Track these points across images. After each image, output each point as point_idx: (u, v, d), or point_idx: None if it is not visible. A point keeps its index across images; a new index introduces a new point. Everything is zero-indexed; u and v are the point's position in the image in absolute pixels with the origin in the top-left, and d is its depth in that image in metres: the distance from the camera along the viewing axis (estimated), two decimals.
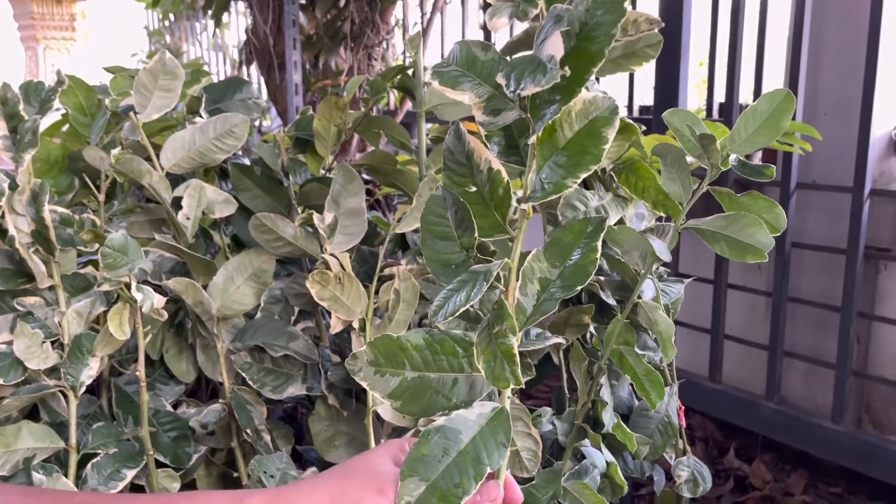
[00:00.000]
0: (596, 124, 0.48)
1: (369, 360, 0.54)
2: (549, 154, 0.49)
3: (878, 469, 1.51)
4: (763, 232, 0.75)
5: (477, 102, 0.50)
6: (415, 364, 0.54)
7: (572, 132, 0.49)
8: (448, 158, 0.53)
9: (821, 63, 1.65)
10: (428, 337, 0.54)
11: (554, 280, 0.53)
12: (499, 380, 0.49)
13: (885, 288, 1.66)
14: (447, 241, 0.54)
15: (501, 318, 0.50)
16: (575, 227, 0.54)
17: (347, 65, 2.12)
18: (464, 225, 0.54)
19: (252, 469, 0.73)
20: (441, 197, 0.54)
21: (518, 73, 0.45)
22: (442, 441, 0.49)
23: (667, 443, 0.94)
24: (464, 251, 0.54)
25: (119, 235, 0.71)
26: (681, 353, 1.72)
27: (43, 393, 0.76)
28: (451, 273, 0.54)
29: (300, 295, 0.90)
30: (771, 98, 0.75)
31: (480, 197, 0.53)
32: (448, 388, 0.54)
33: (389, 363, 0.54)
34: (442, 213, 0.54)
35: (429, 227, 0.55)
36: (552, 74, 0.43)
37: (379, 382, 0.54)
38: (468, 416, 0.51)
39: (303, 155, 1.02)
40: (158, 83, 0.87)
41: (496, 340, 0.50)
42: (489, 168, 0.52)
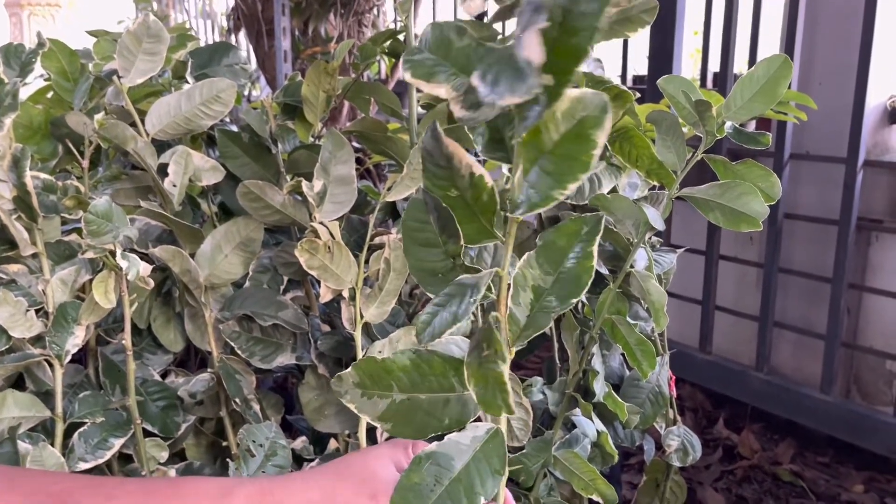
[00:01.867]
0: (584, 126, 0.42)
1: (355, 382, 0.50)
2: (534, 157, 0.44)
3: (865, 439, 1.52)
4: (758, 200, 0.74)
5: (454, 97, 0.44)
6: (402, 386, 0.50)
7: (559, 134, 0.43)
8: (427, 160, 0.48)
9: (816, 33, 1.64)
10: (415, 357, 0.51)
11: (548, 288, 0.49)
12: (490, 406, 0.45)
13: (876, 259, 1.66)
14: (431, 249, 0.50)
15: (489, 341, 0.45)
16: (569, 227, 0.49)
17: (337, 31, 2.09)
18: (448, 231, 0.49)
19: (241, 438, 0.73)
20: (422, 201, 0.50)
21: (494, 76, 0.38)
22: (434, 469, 0.46)
23: (657, 412, 0.94)
24: (450, 259, 0.50)
25: (103, 202, 0.69)
26: (672, 324, 1.72)
27: (28, 362, 0.75)
28: (438, 282, 0.50)
29: (289, 264, 0.89)
30: (768, 64, 0.74)
31: (464, 202, 0.47)
32: (440, 410, 0.50)
33: (375, 385, 0.50)
34: (423, 217, 0.50)
35: (410, 234, 0.50)
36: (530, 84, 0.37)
37: (366, 405, 0.50)
38: (461, 441, 0.47)
39: (291, 122, 1.00)
40: (142, 46, 0.85)
41: (486, 364, 0.45)
42: (471, 173, 0.46)
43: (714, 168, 0.79)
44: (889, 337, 1.64)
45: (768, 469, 1.66)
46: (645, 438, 1.01)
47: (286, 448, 0.73)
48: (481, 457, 0.47)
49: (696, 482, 1.60)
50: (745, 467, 1.68)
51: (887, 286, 1.60)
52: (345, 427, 0.85)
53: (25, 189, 0.75)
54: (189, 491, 0.47)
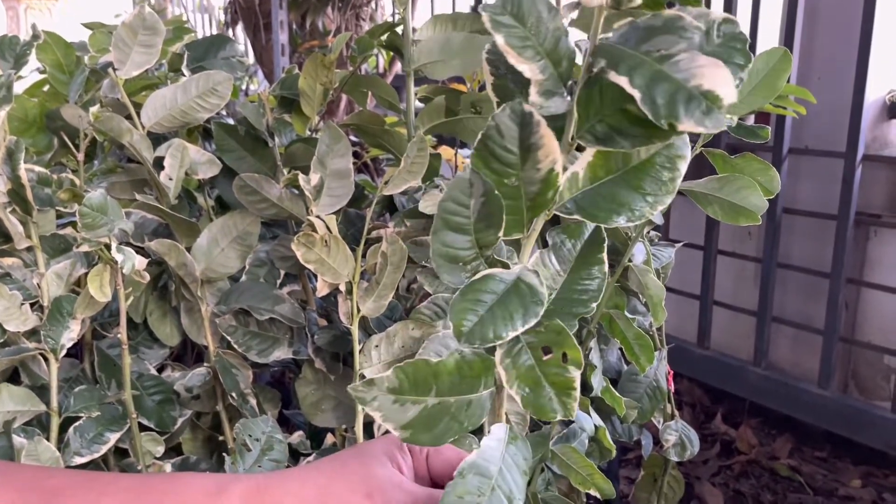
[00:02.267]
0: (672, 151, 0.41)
1: (391, 388, 0.46)
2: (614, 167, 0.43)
3: (862, 434, 1.52)
4: (757, 194, 0.74)
5: (538, 80, 0.41)
6: (441, 390, 0.47)
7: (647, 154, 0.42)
8: (493, 140, 0.43)
9: (816, 27, 1.63)
10: (459, 359, 0.47)
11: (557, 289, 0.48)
12: (542, 410, 0.43)
13: (874, 254, 1.66)
14: (460, 235, 0.46)
15: (563, 345, 0.43)
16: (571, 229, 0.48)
17: (335, 25, 2.08)
18: (488, 220, 0.45)
19: (237, 433, 0.72)
20: (468, 182, 0.45)
21: (667, 97, 0.35)
22: (477, 480, 0.43)
23: (655, 407, 0.93)
24: (478, 249, 0.46)
25: (97, 195, 0.69)
26: (670, 319, 1.71)
27: (23, 356, 0.74)
28: (456, 271, 0.46)
29: (286, 258, 0.88)
30: (768, 57, 0.74)
31: (517, 193, 0.44)
32: (463, 413, 0.47)
33: (415, 391, 0.46)
34: (465, 201, 0.45)
35: (445, 216, 0.46)
36: (718, 119, 0.34)
37: (396, 412, 0.46)
38: (491, 445, 0.45)
39: (288, 115, 1.00)
40: (138, 38, 0.84)
41: (546, 368, 0.44)
42: (551, 170, 0.43)
43: (713, 162, 0.79)
44: (887, 332, 1.64)
45: (766, 464, 1.67)
46: (643, 433, 1.00)
47: (283, 443, 0.73)
48: (509, 458, 0.45)
49: (693, 477, 1.61)
50: (742, 462, 1.68)
51: (885, 281, 1.60)
52: (342, 422, 0.85)
53: (20, 182, 0.75)
54: (184, 487, 0.46)
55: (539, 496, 0.84)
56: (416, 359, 0.46)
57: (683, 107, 0.34)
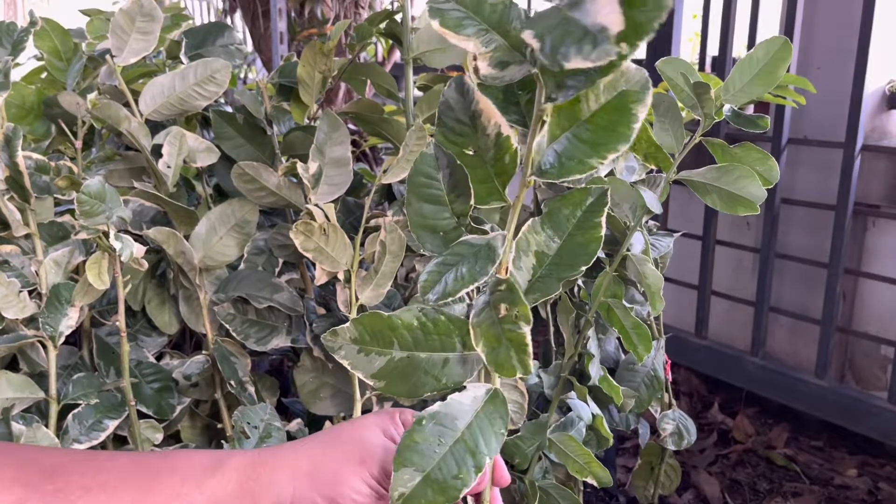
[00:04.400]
0: (625, 99, 0.42)
1: (353, 338, 0.49)
2: (567, 125, 0.44)
3: (859, 423, 1.53)
4: (755, 184, 0.74)
5: (482, 52, 0.43)
6: (404, 344, 0.49)
7: (598, 104, 0.43)
8: (445, 114, 0.47)
9: (816, 16, 1.63)
10: (421, 315, 0.49)
11: (551, 255, 0.49)
12: (503, 367, 0.45)
13: (872, 244, 1.66)
14: (436, 205, 0.49)
15: (512, 302, 0.45)
16: (574, 196, 0.49)
17: (333, 13, 2.07)
18: (458, 190, 0.48)
19: (235, 420, 0.73)
20: (433, 156, 0.49)
21: (556, 38, 0.36)
22: (437, 428, 0.45)
23: (652, 396, 0.94)
24: (455, 218, 0.49)
25: (95, 182, 0.68)
26: (668, 309, 1.72)
27: (21, 343, 0.74)
28: (438, 241, 0.49)
29: (284, 246, 0.88)
30: (767, 46, 0.74)
31: (481, 161, 0.47)
32: (438, 369, 0.50)
33: (376, 342, 0.49)
34: (433, 174, 0.49)
35: (416, 189, 0.49)
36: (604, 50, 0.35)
37: (362, 362, 0.49)
38: (462, 401, 0.47)
39: (287, 103, 0.99)
40: (136, 25, 0.84)
41: (502, 326, 0.45)
42: (498, 133, 0.46)
43: (712, 151, 0.79)
44: (884, 322, 1.64)
45: (762, 453, 1.67)
46: (640, 422, 1.01)
47: (281, 430, 0.73)
48: (483, 417, 0.47)
49: (690, 466, 1.61)
50: (739, 451, 1.68)
51: (883, 271, 1.60)
52: (340, 409, 0.85)
53: (18, 169, 0.75)
54: (181, 463, 0.47)
55: (537, 484, 0.85)
56: (371, 312, 0.49)
57: (574, 46, 0.35)
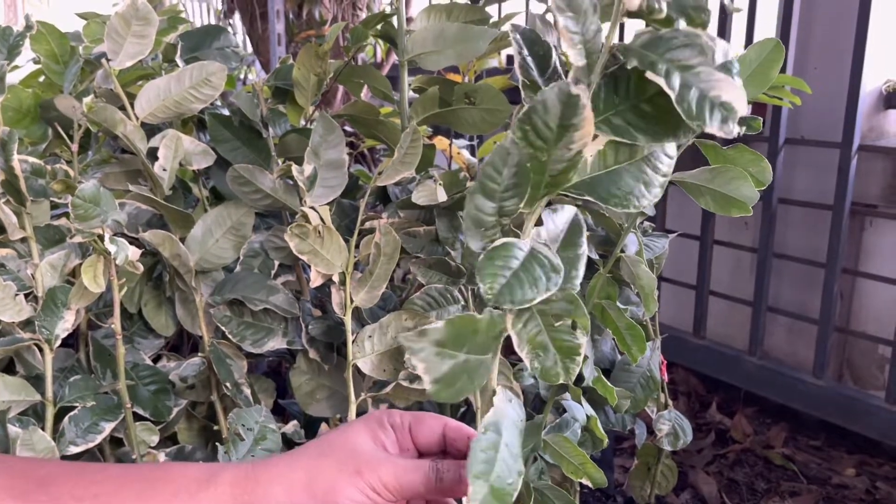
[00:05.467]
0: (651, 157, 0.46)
1: (439, 340, 0.46)
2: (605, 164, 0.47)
3: (857, 423, 1.53)
4: (748, 185, 0.74)
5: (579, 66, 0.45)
6: (472, 347, 0.48)
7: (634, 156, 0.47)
8: (537, 114, 0.45)
9: (812, 16, 1.63)
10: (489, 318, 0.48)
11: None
12: (548, 374, 0.46)
13: (870, 244, 1.66)
14: (489, 201, 0.48)
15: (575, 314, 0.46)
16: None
17: (331, 14, 2.07)
18: (515, 190, 0.47)
19: (230, 422, 0.73)
20: (508, 151, 0.47)
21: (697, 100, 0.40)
22: (493, 436, 0.45)
23: (648, 397, 0.94)
24: (498, 217, 0.48)
25: (90, 185, 0.69)
26: (666, 309, 1.71)
27: (17, 346, 0.75)
28: (479, 236, 0.48)
29: (280, 248, 0.89)
30: (760, 48, 0.74)
31: (544, 169, 0.46)
32: (476, 372, 0.48)
33: (455, 344, 0.47)
34: (500, 167, 0.47)
35: (485, 181, 0.47)
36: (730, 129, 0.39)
37: (435, 364, 0.46)
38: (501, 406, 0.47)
39: (283, 105, 1.00)
40: (131, 29, 0.84)
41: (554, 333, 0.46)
42: (579, 152, 0.45)
43: (705, 153, 0.79)
44: (882, 321, 1.64)
45: (760, 453, 1.67)
46: (636, 423, 1.01)
47: (276, 432, 0.73)
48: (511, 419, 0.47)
49: (688, 466, 1.61)
50: (737, 451, 1.69)
51: (881, 271, 1.60)
52: (336, 411, 0.86)
53: (13, 173, 0.75)
54: (173, 475, 0.47)
55: (532, 485, 0.85)
56: (465, 313, 0.47)
57: (709, 112, 0.39)
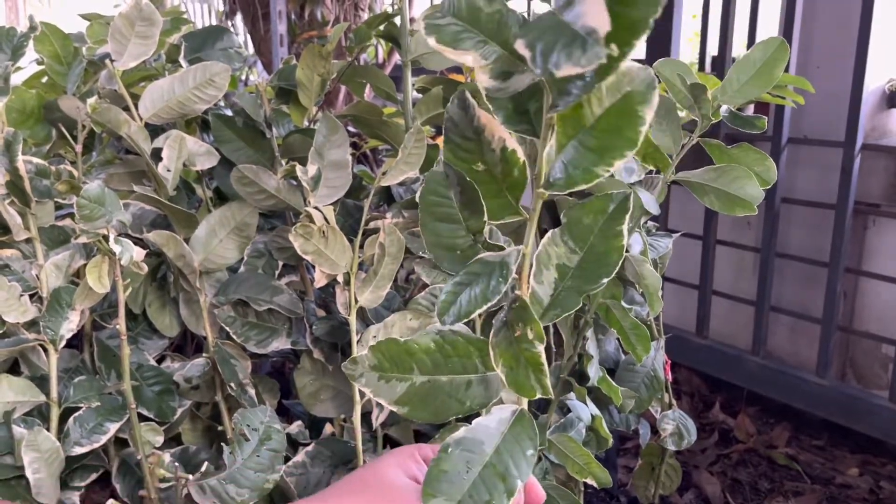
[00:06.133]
0: (630, 101, 0.40)
1: (372, 366, 0.48)
2: (573, 132, 0.42)
3: (860, 422, 1.53)
4: (752, 184, 0.74)
5: (483, 65, 0.41)
6: (424, 368, 0.48)
7: (602, 109, 0.41)
8: (451, 131, 0.46)
9: (815, 15, 1.63)
10: (438, 339, 0.49)
11: (573, 268, 0.47)
12: (522, 388, 0.44)
13: (873, 243, 1.66)
14: (451, 224, 0.48)
15: (525, 320, 0.44)
16: (595, 204, 0.47)
17: (334, 15, 2.07)
18: (471, 207, 0.47)
19: (235, 422, 0.73)
20: (443, 174, 0.47)
21: (546, 46, 0.35)
22: (464, 454, 0.44)
23: (652, 396, 0.94)
24: (471, 236, 0.48)
25: (95, 186, 0.69)
26: (669, 309, 1.71)
27: (22, 346, 0.75)
28: (456, 259, 0.48)
29: (284, 249, 0.89)
30: (764, 47, 0.74)
31: (490, 176, 0.46)
32: (462, 392, 0.48)
33: (396, 368, 0.48)
34: (444, 192, 0.47)
35: (429, 208, 0.48)
36: (594, 53, 0.33)
37: (383, 389, 0.48)
38: (488, 424, 0.46)
39: (286, 106, 1.00)
40: (135, 30, 0.84)
41: (519, 345, 0.44)
42: (503, 147, 0.45)
43: (709, 152, 0.79)
44: (885, 321, 1.64)
45: (764, 452, 1.67)
46: (640, 422, 1.01)
47: (281, 432, 0.73)
48: (511, 439, 0.45)
49: (691, 466, 1.61)
50: (740, 451, 1.68)
51: (884, 270, 1.60)
52: (340, 411, 0.86)
53: (18, 174, 0.75)
54: None
55: None
56: (387, 338, 0.48)
57: (565, 52, 0.34)
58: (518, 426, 0.46)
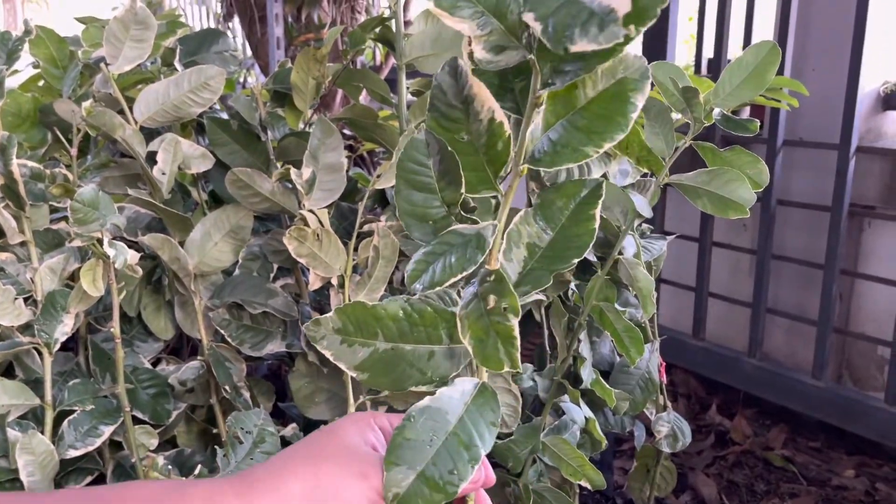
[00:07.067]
0: (624, 87, 0.41)
1: (336, 328, 0.48)
2: (563, 112, 0.42)
3: (856, 424, 1.53)
4: (745, 187, 0.74)
5: (478, 35, 0.41)
6: (389, 335, 0.48)
7: (595, 91, 0.41)
8: (438, 98, 0.45)
9: (810, 18, 1.63)
10: (407, 306, 0.49)
11: (544, 247, 0.47)
12: (490, 360, 0.44)
13: (868, 245, 1.66)
14: (426, 193, 0.47)
15: (501, 293, 0.44)
16: (567, 188, 0.48)
17: (330, 18, 2.08)
18: (448, 177, 0.47)
19: (229, 425, 0.73)
20: (423, 142, 0.47)
21: (559, 21, 0.35)
22: (429, 423, 0.44)
23: (647, 398, 0.94)
24: (445, 206, 0.47)
25: (89, 189, 0.69)
26: (665, 311, 1.72)
27: (16, 350, 0.75)
28: (427, 229, 0.47)
29: (279, 251, 0.89)
30: (757, 50, 0.74)
31: (473, 148, 0.45)
32: (423, 362, 0.49)
33: (360, 333, 0.48)
34: (423, 160, 0.47)
35: (405, 176, 0.47)
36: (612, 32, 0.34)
37: (345, 353, 0.48)
38: (452, 395, 0.45)
39: (281, 109, 1.00)
40: (130, 33, 0.84)
41: (491, 317, 0.44)
42: (491, 118, 0.44)
43: (702, 155, 0.79)
44: (880, 323, 1.64)
45: (760, 454, 1.68)
46: (635, 424, 1.01)
47: (274, 435, 0.73)
48: (475, 409, 0.45)
49: (688, 467, 1.61)
50: (736, 452, 1.69)
51: (879, 272, 1.60)
52: (335, 414, 0.86)
53: (13, 177, 0.75)
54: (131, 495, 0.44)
55: (531, 487, 0.85)
56: (355, 301, 0.48)
57: (579, 28, 0.34)
58: (481, 398, 0.46)
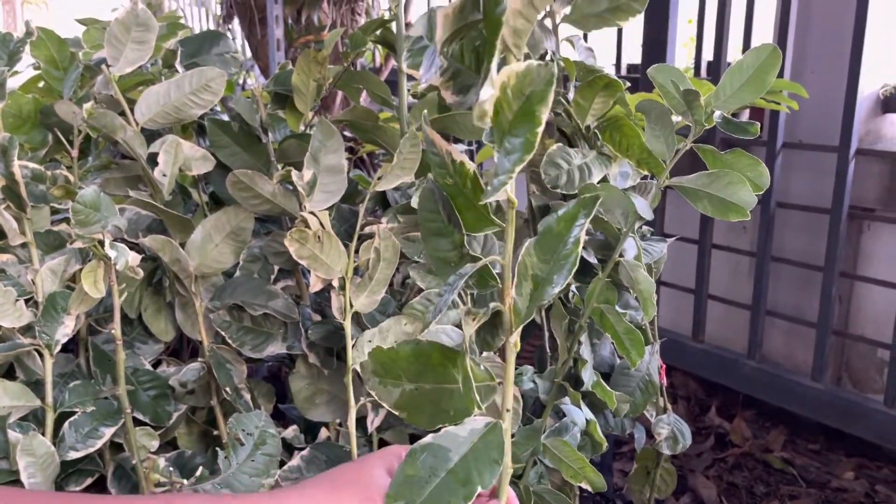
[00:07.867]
0: (530, 103, 0.40)
1: (373, 370, 0.51)
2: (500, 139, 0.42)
3: (855, 426, 1.53)
4: (746, 190, 0.75)
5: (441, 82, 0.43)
6: (409, 375, 0.50)
7: (512, 113, 0.41)
8: (429, 149, 0.47)
9: (810, 21, 1.64)
10: (416, 347, 0.51)
11: (545, 277, 0.48)
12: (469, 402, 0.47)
13: (868, 248, 1.66)
14: (441, 238, 0.50)
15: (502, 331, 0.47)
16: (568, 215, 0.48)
17: (330, 20, 2.08)
18: (453, 220, 0.49)
19: (230, 427, 0.73)
20: (430, 190, 0.50)
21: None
22: (430, 460, 0.45)
23: (647, 400, 0.94)
24: (457, 249, 0.50)
25: (90, 191, 0.69)
26: (665, 313, 1.72)
27: (17, 351, 0.75)
28: (450, 272, 0.49)
29: (280, 253, 0.89)
30: (757, 53, 0.74)
31: (459, 189, 0.47)
32: (445, 401, 0.50)
33: (387, 374, 0.51)
34: (434, 207, 0.50)
35: (425, 224, 0.50)
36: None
37: (384, 393, 0.51)
38: (458, 433, 0.47)
39: (282, 111, 1.00)
40: (131, 35, 0.84)
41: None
42: (452, 160, 0.46)
43: (703, 157, 0.80)
44: (880, 325, 1.65)
45: (759, 456, 1.68)
46: (636, 427, 1.01)
47: (275, 437, 0.73)
48: (480, 447, 0.46)
49: (687, 469, 1.61)
50: (736, 454, 1.69)
51: (879, 275, 1.60)
52: (335, 416, 0.86)
53: (13, 178, 0.75)
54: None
55: (531, 489, 0.85)
56: (376, 347, 0.50)
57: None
58: (489, 437, 0.47)
